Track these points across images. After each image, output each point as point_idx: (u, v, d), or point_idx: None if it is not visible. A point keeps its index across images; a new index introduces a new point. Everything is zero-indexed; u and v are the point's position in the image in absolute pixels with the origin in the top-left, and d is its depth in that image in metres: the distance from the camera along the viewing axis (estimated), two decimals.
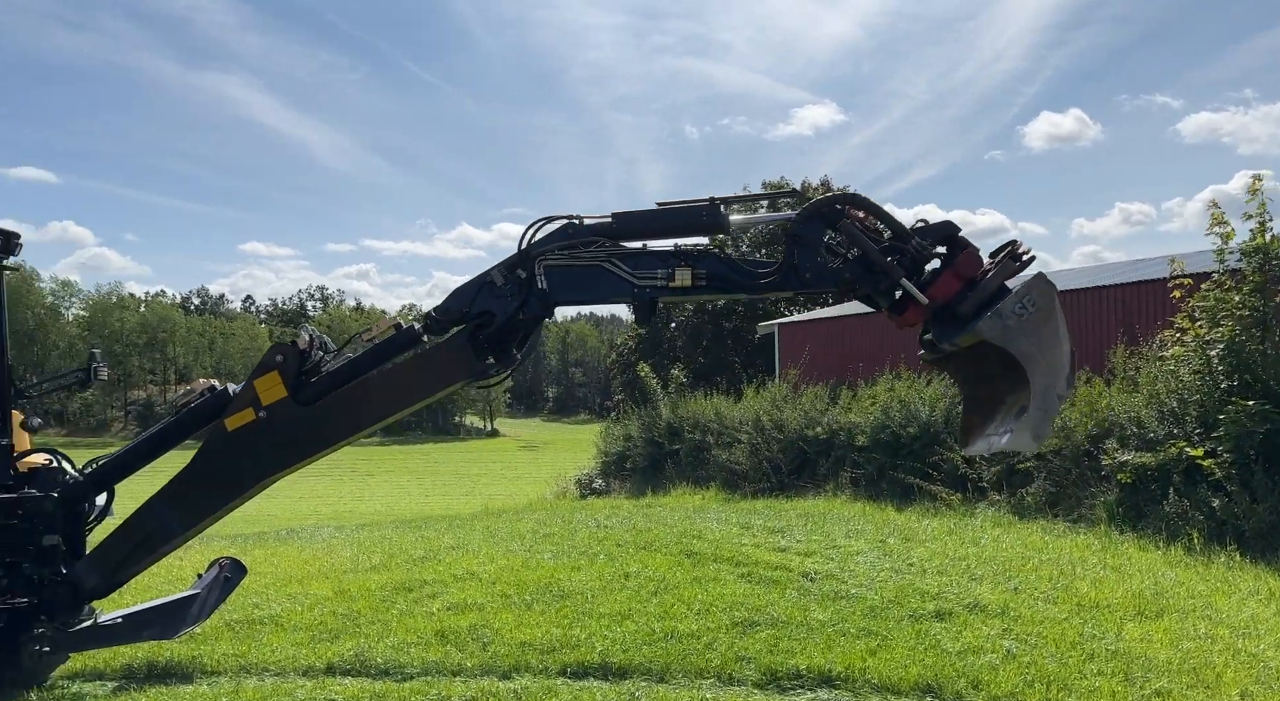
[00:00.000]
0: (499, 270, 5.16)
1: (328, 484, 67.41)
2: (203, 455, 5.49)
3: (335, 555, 12.18)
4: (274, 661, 6.92)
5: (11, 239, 6.02)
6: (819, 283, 4.90)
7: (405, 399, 5.40)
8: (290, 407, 5.26)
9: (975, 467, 14.30)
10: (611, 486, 25.57)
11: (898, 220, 4.83)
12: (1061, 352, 4.62)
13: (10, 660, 5.65)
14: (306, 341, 5.38)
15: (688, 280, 4.97)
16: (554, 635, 7.34)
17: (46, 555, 5.58)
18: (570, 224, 5.14)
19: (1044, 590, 8.33)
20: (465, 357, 5.15)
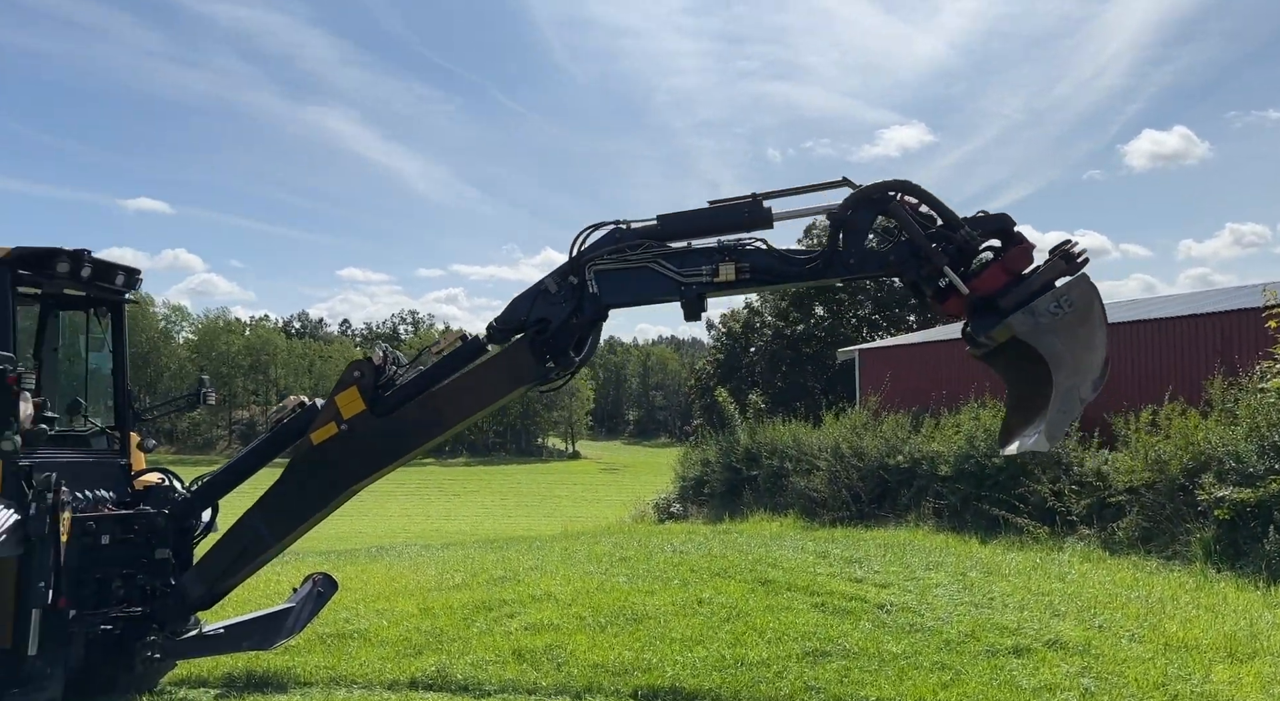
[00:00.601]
0: (552, 278, 5.43)
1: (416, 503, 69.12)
2: (291, 469, 5.88)
3: (420, 573, 12.61)
4: (361, 674, 7.28)
5: (134, 275, 6.59)
6: (864, 268, 4.99)
7: (474, 405, 5.69)
8: (369, 420, 5.61)
9: (1064, 501, 13.90)
10: (689, 511, 25.61)
11: (949, 209, 4.90)
12: (1093, 357, 4.59)
13: (124, 664, 6.12)
14: (381, 357, 5.75)
15: (731, 274, 5.13)
16: (627, 658, 7.50)
17: (158, 567, 6.05)
18: (617, 228, 5.36)
19: (1130, 628, 8.09)
20: (526, 362, 5.42)
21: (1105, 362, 4.73)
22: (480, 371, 5.68)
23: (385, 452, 5.72)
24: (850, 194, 5.14)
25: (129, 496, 6.37)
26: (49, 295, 6.58)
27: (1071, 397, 4.65)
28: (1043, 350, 4.59)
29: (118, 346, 6.76)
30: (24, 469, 5.47)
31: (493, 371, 5.62)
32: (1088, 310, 4.61)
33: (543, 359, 5.44)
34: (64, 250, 5.88)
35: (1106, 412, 14.34)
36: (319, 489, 5.80)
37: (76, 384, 6.97)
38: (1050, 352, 4.63)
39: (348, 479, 5.78)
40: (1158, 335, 15.63)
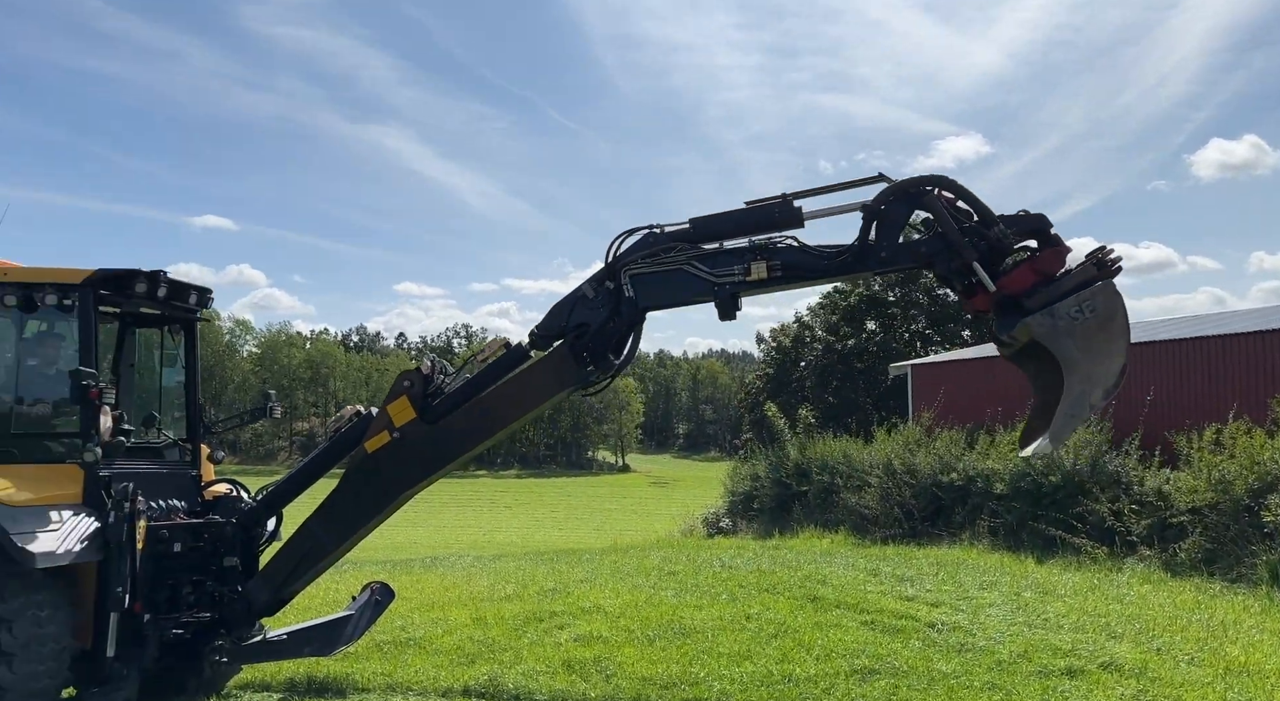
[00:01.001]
0: (589, 284, 5.57)
1: (468, 514, 70.00)
2: (348, 476, 6.11)
3: (473, 583, 12.84)
4: (416, 682, 7.47)
5: (205, 294, 6.92)
6: (895, 260, 5.03)
7: (518, 410, 5.87)
8: (420, 427, 5.82)
9: (1124, 521, 13.59)
10: (738, 526, 25.52)
11: (985, 205, 4.92)
12: (1109, 365, 4.57)
13: (194, 667, 6.39)
14: (429, 367, 5.97)
15: (763, 273, 5.20)
16: (674, 671, 7.58)
17: (226, 574, 6.32)
18: (650, 233, 5.48)
19: (1189, 651, 7.91)
20: (568, 366, 5.58)
21: (1122, 371, 4.71)
22: (524, 377, 5.85)
23: (436, 458, 5.91)
24: (886, 187, 5.19)
25: (199, 506, 6.67)
26: (127, 313, 6.93)
27: (1081, 403, 4.66)
28: (1057, 353, 4.62)
29: (190, 362, 7.09)
30: (103, 479, 5.78)
31: (536, 376, 5.79)
32: (1109, 318, 4.61)
33: (583, 362, 5.58)
34: (142, 271, 6.22)
35: (1168, 431, 14.01)
36: (374, 495, 6.02)
37: (151, 398, 7.31)
38: (1065, 356, 4.66)
39: (401, 484, 5.99)
40: (1222, 352, 15.21)
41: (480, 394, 5.89)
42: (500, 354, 5.95)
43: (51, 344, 6.30)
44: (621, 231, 5.65)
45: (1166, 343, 16.50)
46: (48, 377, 6.22)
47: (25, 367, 6.27)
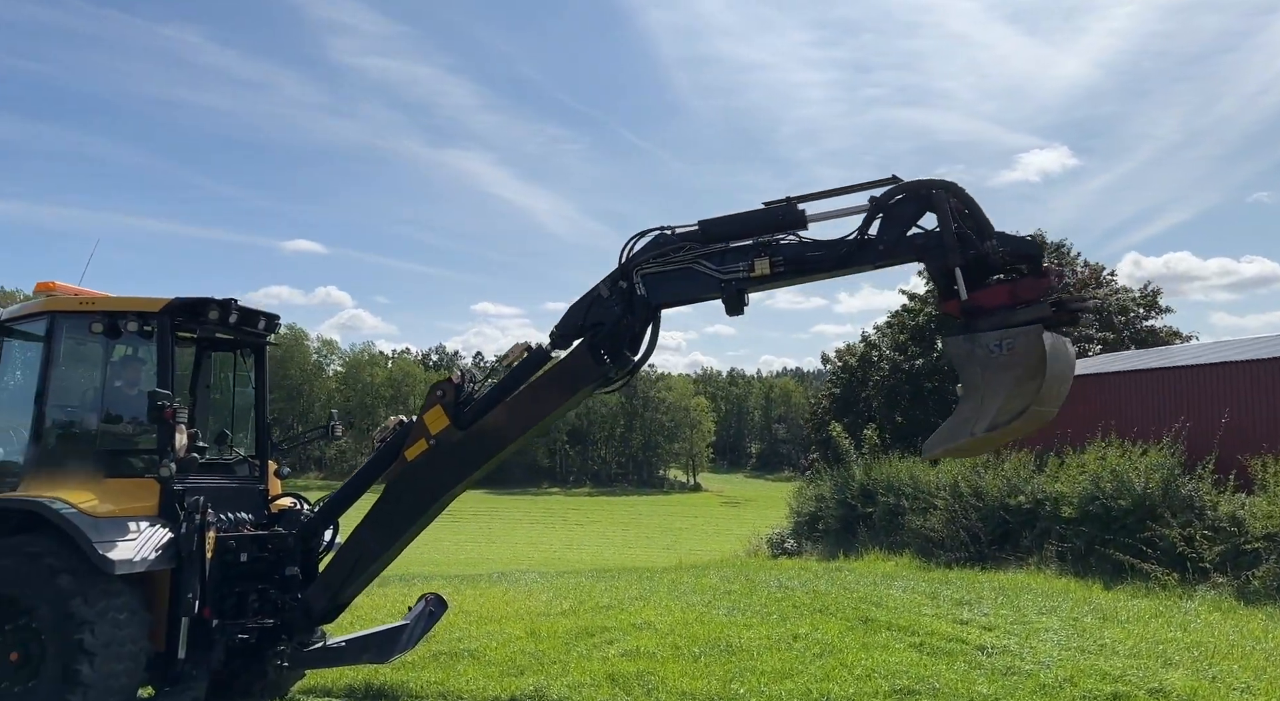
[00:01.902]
0: (604, 284, 5.85)
1: (541, 531, 70.90)
2: (391, 484, 6.48)
3: (533, 598, 13.18)
4: (467, 691, 7.80)
5: (273, 320, 7.44)
6: (893, 253, 5.18)
7: (544, 409, 6.16)
8: (454, 433, 6.17)
9: (1196, 547, 13.18)
10: (803, 547, 25.37)
11: (986, 219, 5.04)
12: (1009, 404, 4.64)
13: (259, 671, 6.84)
14: (459, 376, 6.32)
15: (767, 268, 5.41)
16: (714, 687, 7.73)
17: (288, 583, 6.76)
18: (661, 234, 5.73)
19: (1245, 680, 7.71)
20: (586, 364, 5.86)
21: (1021, 413, 4.78)
22: (547, 377, 6.16)
23: (471, 461, 6.24)
24: (899, 184, 5.35)
25: (266, 518, 7.15)
26: (203, 338, 7.50)
27: (961, 429, 4.78)
28: (962, 377, 4.78)
29: (259, 384, 7.63)
30: (178, 493, 6.29)
31: (558, 376, 6.09)
32: (1024, 361, 4.71)
33: (600, 360, 5.85)
34: (214, 300, 6.76)
35: (1243, 454, 13.54)
36: (416, 500, 6.37)
37: (224, 417, 7.87)
38: (967, 381, 4.80)
39: (440, 488, 6.33)
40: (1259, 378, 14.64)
41: (508, 397, 6.22)
42: (524, 357, 6.25)
43: (134, 367, 6.87)
44: (634, 233, 5.91)
45: (1243, 363, 15.94)
46: (130, 398, 6.78)
47: (110, 389, 6.86)
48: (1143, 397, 17.92)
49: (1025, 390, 4.78)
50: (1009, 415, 4.79)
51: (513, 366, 6.35)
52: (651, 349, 6.19)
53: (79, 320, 6.57)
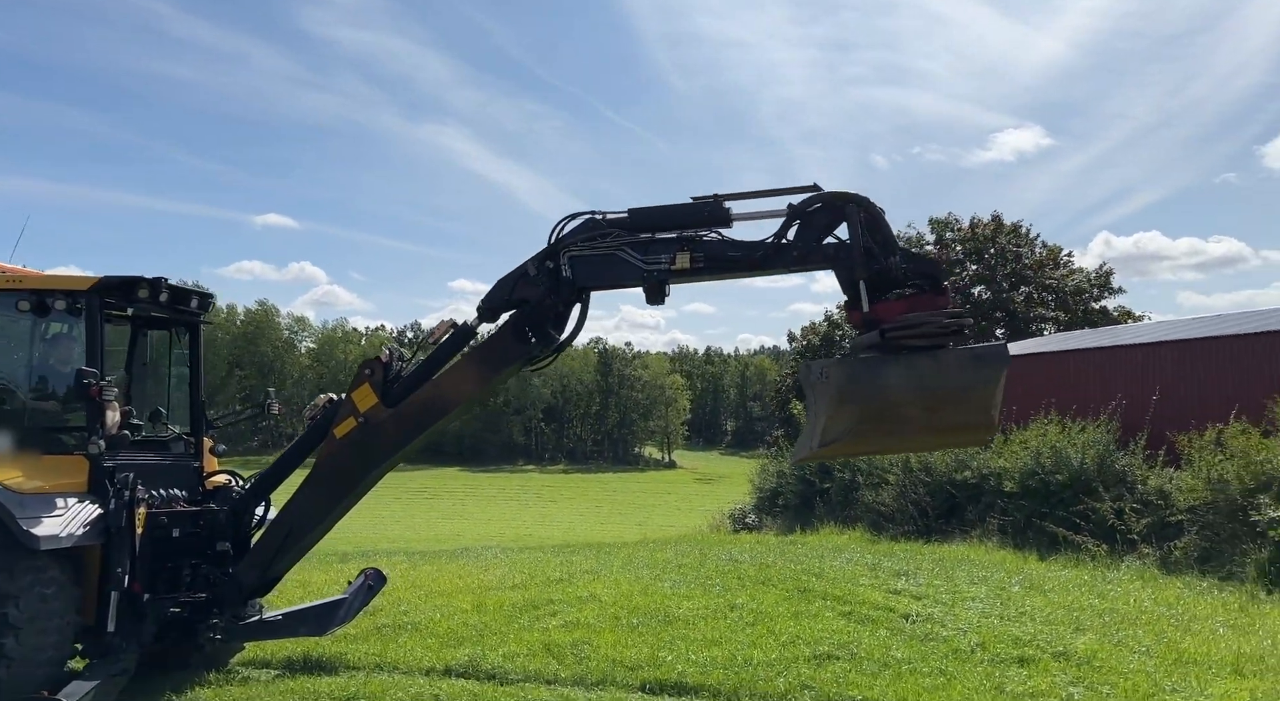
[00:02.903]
0: (532, 262, 6.04)
1: (515, 508, 71.26)
2: (320, 462, 6.65)
3: (488, 573, 13.43)
4: (404, 661, 8.05)
5: (207, 299, 7.57)
6: (806, 260, 5.46)
7: (472, 385, 6.33)
8: (382, 411, 6.34)
9: (1125, 520, 13.66)
10: (764, 522, 25.82)
11: (892, 236, 5.32)
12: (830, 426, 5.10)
13: (194, 644, 7.04)
14: (388, 355, 6.49)
15: (687, 263, 5.66)
16: (644, 655, 8.04)
17: (219, 558, 6.95)
18: (591, 218, 5.94)
19: (1146, 644, 8.13)
20: (512, 343, 6.06)
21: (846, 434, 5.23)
22: (473, 355, 6.35)
23: (399, 438, 6.43)
24: (814, 194, 5.59)
25: (200, 495, 7.32)
26: (138, 317, 7.61)
27: (804, 444, 5.26)
28: (806, 397, 5.16)
29: (194, 362, 7.76)
30: (108, 469, 6.44)
31: (484, 353, 6.28)
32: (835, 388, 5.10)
33: (526, 338, 6.05)
34: (144, 278, 6.86)
35: (1171, 431, 14.03)
36: (345, 477, 6.56)
37: (160, 395, 8.00)
38: (807, 403, 5.21)
39: (369, 465, 6.52)
40: (1226, 353, 15.13)
41: (435, 375, 6.40)
42: (449, 334, 6.42)
43: (65, 345, 6.97)
44: (565, 215, 6.08)
45: (1172, 343, 16.44)
46: (60, 376, 6.88)
47: (41, 366, 6.97)
48: (1084, 376, 18.42)
49: (841, 414, 5.13)
50: (833, 435, 5.19)
51: (439, 344, 6.49)
52: (578, 329, 6.38)
53: (6, 298, 6.64)
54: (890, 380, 5.08)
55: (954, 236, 38.02)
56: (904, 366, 5.09)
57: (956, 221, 37.78)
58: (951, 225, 37.97)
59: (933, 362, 5.10)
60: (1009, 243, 36.62)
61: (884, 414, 5.14)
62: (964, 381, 5.13)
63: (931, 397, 5.11)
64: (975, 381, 5.15)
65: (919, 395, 5.08)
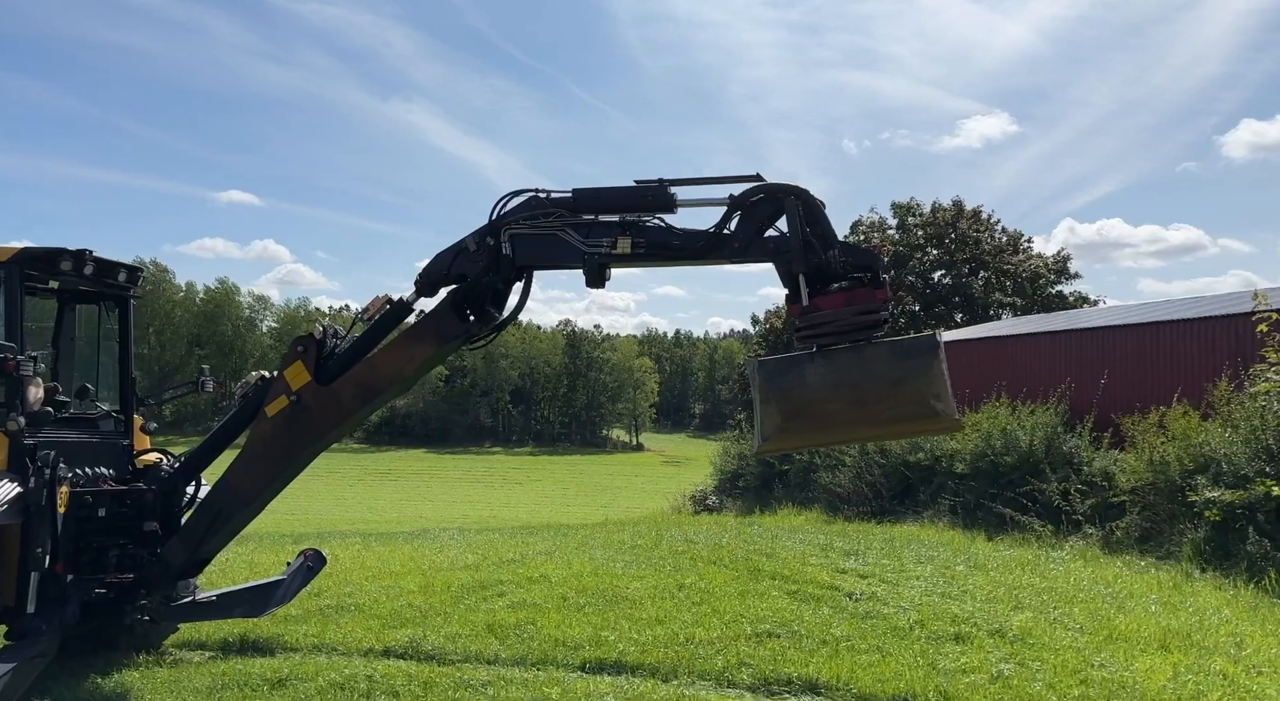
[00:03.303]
0: (472, 238, 5.92)
1: (480, 490, 71.07)
2: (250, 440, 6.50)
3: (441, 554, 13.35)
4: (342, 642, 7.98)
5: (136, 273, 7.37)
6: (747, 252, 5.42)
7: (406, 365, 6.17)
8: (315, 389, 6.19)
9: (1071, 501, 13.92)
10: (724, 504, 26.01)
11: (831, 229, 5.29)
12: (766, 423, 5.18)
13: (123, 626, 6.91)
14: (321, 332, 6.33)
15: (628, 248, 5.59)
16: (587, 634, 8.04)
17: (147, 538, 6.81)
18: (535, 196, 5.85)
19: (1081, 621, 8.28)
20: (450, 321, 5.94)
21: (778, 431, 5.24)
22: (410, 332, 6.21)
23: (333, 417, 6.29)
24: (755, 185, 5.53)
25: (129, 474, 7.16)
26: (65, 290, 7.39)
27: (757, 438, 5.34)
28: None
29: (124, 337, 7.55)
30: (29, 447, 6.26)
31: (421, 331, 6.14)
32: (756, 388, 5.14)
33: (464, 316, 5.95)
34: (67, 250, 6.64)
35: (1116, 414, 14.28)
36: (276, 456, 6.40)
37: (90, 371, 7.80)
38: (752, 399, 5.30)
39: (302, 445, 6.37)
40: (1171, 338, 15.42)
41: (370, 353, 6.27)
42: (385, 311, 6.29)
43: None
44: (508, 192, 5.98)
45: (1120, 328, 16.73)
46: None
47: None
48: (1035, 360, 18.69)
49: (769, 412, 5.19)
50: (769, 432, 5.20)
51: (374, 320, 6.37)
52: (520, 308, 6.29)
53: None
54: (809, 377, 5.10)
55: (916, 221, 38.29)
56: (823, 363, 5.10)
57: (918, 206, 38.07)
58: (914, 210, 38.23)
59: (854, 357, 5.10)
60: (969, 228, 36.99)
61: (805, 411, 5.15)
62: (892, 374, 5.11)
63: (857, 392, 5.10)
64: (905, 373, 5.13)
65: (842, 391, 5.09)
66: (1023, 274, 35.41)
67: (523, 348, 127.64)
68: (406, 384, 6.60)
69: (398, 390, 6.64)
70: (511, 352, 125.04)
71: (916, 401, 5.20)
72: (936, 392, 5.22)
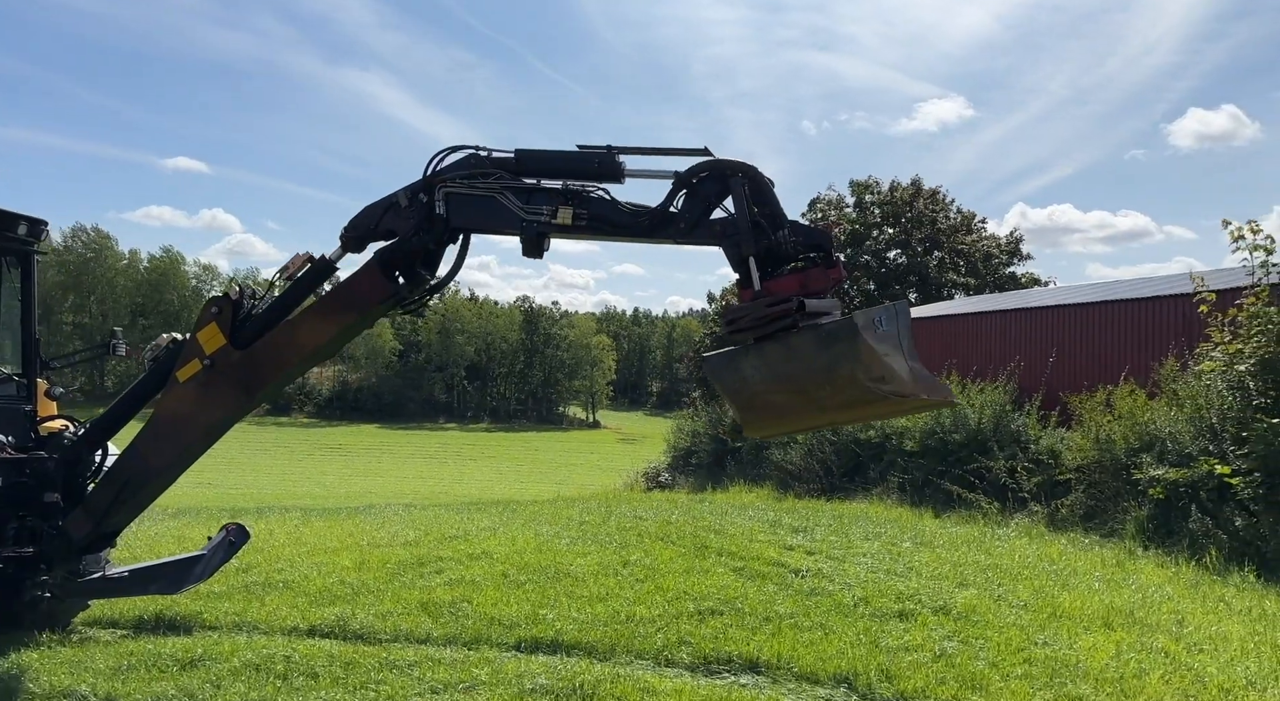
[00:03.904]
0: (404, 192, 5.51)
1: (433, 466, 70.37)
2: (160, 408, 6.04)
3: (383, 530, 12.98)
4: (266, 621, 7.61)
5: (38, 225, 6.84)
6: (694, 235, 5.08)
7: (332, 328, 5.72)
8: (231, 353, 5.76)
9: (1017, 478, 13.96)
10: (677, 481, 25.92)
11: (780, 209, 4.96)
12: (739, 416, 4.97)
13: (26, 602, 6.47)
14: (237, 292, 5.88)
15: (569, 219, 5.22)
16: (524, 612, 7.77)
17: (47, 510, 6.35)
18: (475, 155, 5.46)
19: (1025, 598, 8.22)
20: (377, 282, 5.51)
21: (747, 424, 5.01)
22: (334, 294, 5.78)
23: (250, 384, 5.85)
24: (701, 161, 5.19)
25: (31, 441, 6.68)
26: None
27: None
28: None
29: (26, 296, 7.03)
30: None
31: (345, 293, 5.71)
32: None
33: (392, 278, 5.55)
34: None
35: (1064, 392, 14.34)
36: (188, 425, 5.96)
37: None
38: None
39: (215, 413, 5.94)
40: (1119, 317, 15.52)
41: (291, 314, 5.86)
42: (306, 269, 5.86)
43: None
44: (447, 147, 5.58)
45: (1069, 307, 16.82)
46: None
47: None
48: (987, 338, 18.76)
49: (729, 404, 4.98)
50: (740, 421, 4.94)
51: (295, 279, 5.93)
52: (455, 271, 5.88)
53: None
54: (746, 371, 4.85)
55: (873, 199, 38.32)
56: (755, 355, 4.84)
57: (877, 184, 38.11)
58: (872, 187, 38.26)
59: (782, 348, 4.82)
60: (926, 207, 37.13)
61: (755, 403, 4.91)
62: (822, 361, 4.83)
63: (795, 381, 4.83)
64: (832, 360, 4.85)
65: (780, 382, 4.82)
66: (976, 254, 35.71)
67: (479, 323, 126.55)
68: (329, 349, 6.18)
69: (320, 356, 6.22)
70: (468, 328, 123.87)
71: (854, 386, 4.87)
72: (877, 375, 4.87)
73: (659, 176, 5.42)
